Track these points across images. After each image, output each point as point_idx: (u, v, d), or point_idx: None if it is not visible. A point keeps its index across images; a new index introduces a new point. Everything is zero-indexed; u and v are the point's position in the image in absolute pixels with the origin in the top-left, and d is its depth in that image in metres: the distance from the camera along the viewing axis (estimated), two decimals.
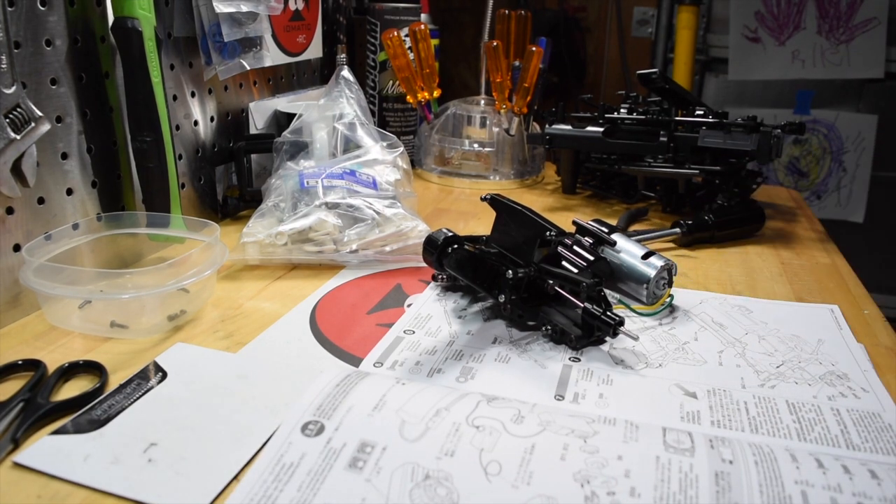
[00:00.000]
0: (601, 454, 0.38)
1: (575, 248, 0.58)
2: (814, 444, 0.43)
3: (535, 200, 0.98)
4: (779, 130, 0.81)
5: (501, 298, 0.56)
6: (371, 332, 0.57)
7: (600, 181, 0.99)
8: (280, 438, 0.40)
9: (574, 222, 0.68)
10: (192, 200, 0.79)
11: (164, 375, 0.49)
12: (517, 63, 1.01)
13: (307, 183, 0.72)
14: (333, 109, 0.81)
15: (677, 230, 0.78)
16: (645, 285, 0.61)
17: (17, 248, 0.57)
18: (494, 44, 0.99)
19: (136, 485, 0.38)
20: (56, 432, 0.42)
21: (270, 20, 0.86)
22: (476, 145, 1.05)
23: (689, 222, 0.78)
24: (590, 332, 0.55)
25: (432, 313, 0.61)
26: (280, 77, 0.94)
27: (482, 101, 1.07)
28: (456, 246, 0.62)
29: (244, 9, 0.78)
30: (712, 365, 0.53)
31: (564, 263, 0.58)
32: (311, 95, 0.96)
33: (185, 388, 0.47)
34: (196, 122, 0.78)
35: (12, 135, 0.53)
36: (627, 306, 0.62)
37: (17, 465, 0.39)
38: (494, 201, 0.62)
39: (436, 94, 1.06)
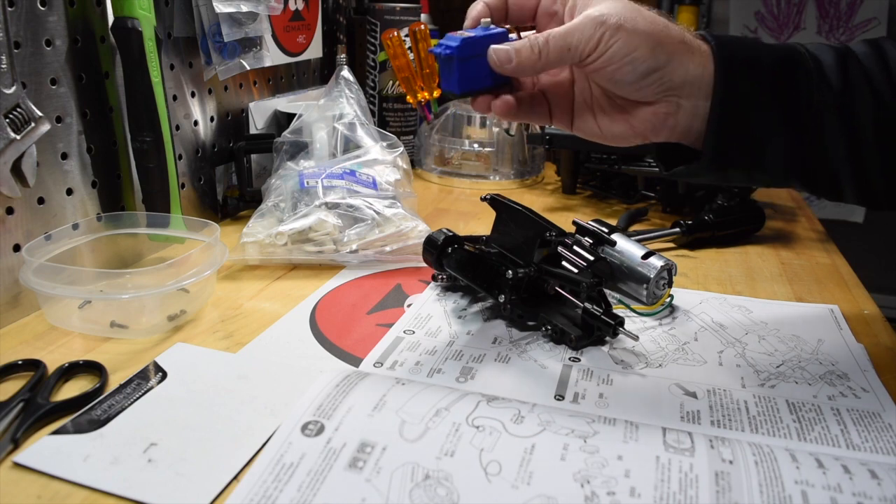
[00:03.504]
0: (601, 454, 0.38)
1: (575, 248, 0.58)
2: (814, 444, 0.43)
3: (535, 200, 0.98)
4: None
5: (501, 298, 0.56)
6: (371, 332, 0.57)
7: (600, 181, 0.99)
8: (280, 438, 0.40)
9: (574, 222, 0.68)
10: (192, 200, 0.79)
11: (164, 375, 0.49)
12: None
13: (307, 183, 0.72)
14: (333, 109, 0.81)
15: (677, 230, 0.78)
16: (645, 285, 0.61)
17: (17, 248, 0.57)
18: None
19: (136, 485, 0.38)
20: (56, 432, 0.42)
21: (270, 20, 0.86)
22: (476, 145, 1.05)
23: (689, 222, 0.78)
24: (590, 332, 0.55)
25: (432, 313, 0.61)
26: (280, 77, 0.94)
27: None
28: (456, 246, 0.62)
29: (244, 9, 0.78)
30: (712, 365, 0.53)
31: (564, 263, 0.58)
32: (311, 95, 0.96)
33: (185, 388, 0.47)
34: (196, 122, 0.78)
35: (12, 135, 0.53)
36: (627, 306, 0.62)
37: (17, 465, 0.39)
38: (494, 201, 0.62)
39: (436, 94, 1.05)
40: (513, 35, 0.49)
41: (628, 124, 0.50)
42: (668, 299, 0.62)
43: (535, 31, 0.51)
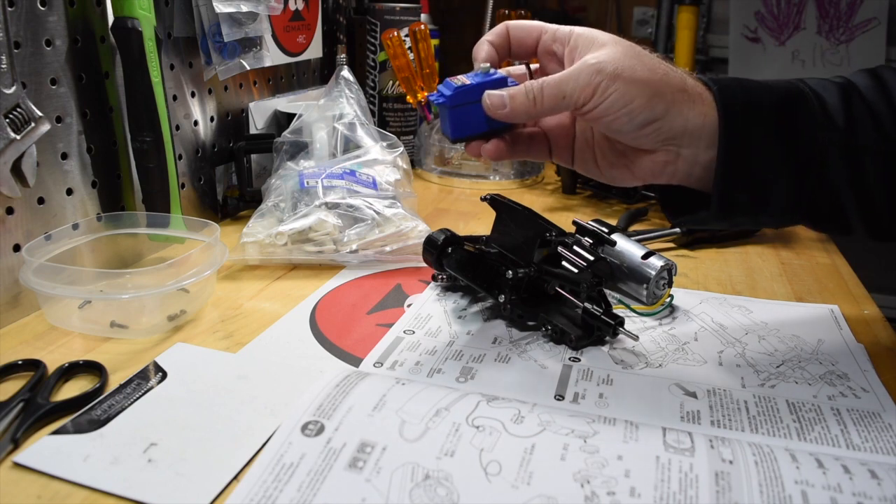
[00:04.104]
0: (601, 454, 0.38)
1: (575, 248, 0.58)
2: (814, 444, 0.43)
3: (535, 200, 0.98)
4: None
5: (501, 298, 0.56)
6: (371, 332, 0.57)
7: (600, 181, 0.99)
8: (280, 438, 0.40)
9: (574, 222, 0.68)
10: (192, 200, 0.79)
11: (164, 375, 0.49)
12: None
13: (307, 183, 0.72)
14: (333, 109, 0.81)
15: (677, 230, 0.78)
16: (645, 285, 0.61)
17: (17, 248, 0.57)
18: None
19: (136, 485, 0.38)
20: (56, 432, 0.42)
21: (270, 20, 0.86)
22: None
23: None
24: (590, 332, 0.55)
25: (432, 313, 0.61)
26: (280, 77, 0.94)
27: None
28: (456, 246, 0.62)
29: (244, 9, 0.78)
30: (712, 365, 0.53)
31: (564, 263, 0.58)
32: (311, 95, 0.96)
33: (185, 388, 0.47)
34: (196, 122, 0.78)
35: (12, 135, 0.53)
36: (627, 306, 0.62)
37: (17, 465, 0.39)
38: (494, 201, 0.62)
39: None
40: (513, 80, 0.49)
41: (629, 170, 0.49)
42: (668, 299, 0.62)
43: (537, 66, 0.51)
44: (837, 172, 0.47)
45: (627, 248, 0.63)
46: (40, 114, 0.55)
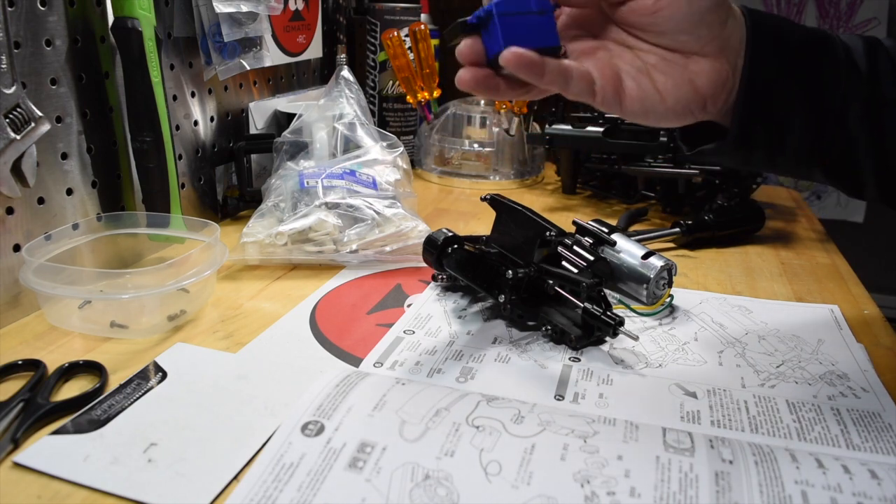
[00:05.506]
0: (601, 454, 0.38)
1: (575, 248, 0.58)
2: (814, 444, 0.43)
3: (535, 200, 0.98)
4: None
5: (501, 298, 0.56)
6: (371, 332, 0.57)
7: (600, 181, 0.99)
8: (280, 438, 0.40)
9: (574, 222, 0.68)
10: (192, 200, 0.79)
11: (164, 375, 0.49)
12: None
13: (307, 183, 0.72)
14: (333, 109, 0.81)
15: (677, 230, 0.78)
16: (645, 285, 0.61)
17: (17, 248, 0.57)
18: None
19: (136, 485, 0.38)
20: (56, 432, 0.42)
21: (270, 20, 0.86)
22: (476, 145, 1.05)
23: (689, 222, 0.78)
24: (590, 332, 0.55)
25: (432, 313, 0.61)
26: (280, 77, 0.94)
27: (482, 101, 1.07)
28: (456, 246, 0.62)
29: (244, 9, 0.78)
30: (712, 365, 0.53)
31: (564, 263, 0.58)
32: (311, 95, 0.96)
33: (185, 388, 0.47)
34: (196, 122, 0.78)
35: (12, 135, 0.53)
36: (627, 306, 0.62)
37: (17, 465, 0.39)
38: (494, 201, 0.62)
39: (436, 94, 1.06)
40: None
41: (692, 87, 0.46)
42: (668, 299, 0.62)
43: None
44: (857, 124, 0.46)
45: (627, 248, 0.63)
46: (40, 114, 0.55)
